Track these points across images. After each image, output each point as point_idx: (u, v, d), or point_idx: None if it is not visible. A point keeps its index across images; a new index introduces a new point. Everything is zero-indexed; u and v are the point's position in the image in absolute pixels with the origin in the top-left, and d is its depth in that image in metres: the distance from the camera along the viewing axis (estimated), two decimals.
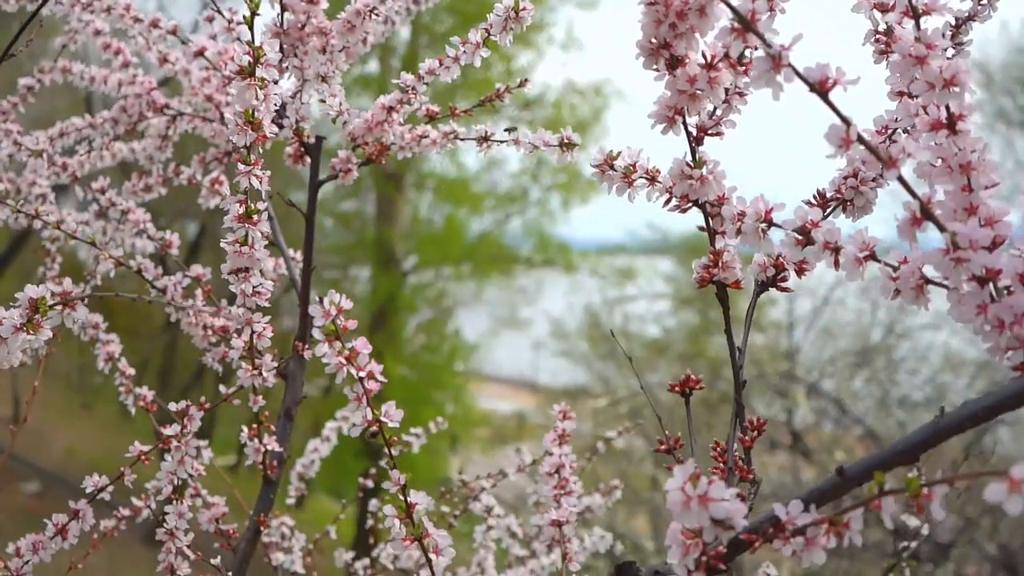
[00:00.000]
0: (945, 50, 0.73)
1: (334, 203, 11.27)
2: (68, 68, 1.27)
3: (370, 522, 1.41)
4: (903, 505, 1.32)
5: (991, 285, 0.51)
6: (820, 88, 0.50)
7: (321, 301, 0.61)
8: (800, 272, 0.68)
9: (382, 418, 0.63)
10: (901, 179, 0.51)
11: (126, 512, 1.11)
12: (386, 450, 0.65)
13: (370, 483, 1.49)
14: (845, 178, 0.69)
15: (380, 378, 0.63)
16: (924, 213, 0.52)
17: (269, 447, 0.96)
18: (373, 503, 1.33)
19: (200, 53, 1.03)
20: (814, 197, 0.69)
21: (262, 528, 0.99)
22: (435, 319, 11.42)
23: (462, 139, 0.98)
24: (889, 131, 0.70)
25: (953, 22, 0.75)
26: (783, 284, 0.68)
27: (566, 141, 0.84)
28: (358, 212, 11.47)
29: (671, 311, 10.67)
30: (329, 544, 1.50)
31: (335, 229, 11.43)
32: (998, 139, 9.01)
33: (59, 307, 0.66)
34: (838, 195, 0.69)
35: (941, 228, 0.51)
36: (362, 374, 0.62)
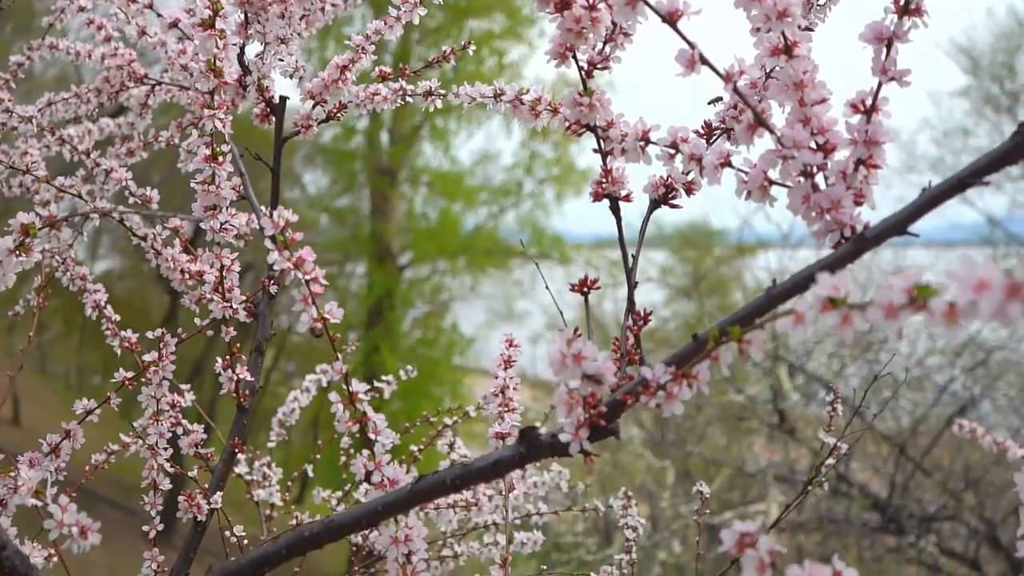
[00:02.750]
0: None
1: (329, 200, 11.38)
2: (55, 45, 1.38)
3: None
4: (824, 427, 1.41)
5: (815, 179, 0.62)
6: (670, 18, 0.61)
7: (271, 215, 0.72)
8: (688, 191, 0.78)
9: (326, 315, 0.74)
10: (736, 91, 0.62)
11: (115, 447, 1.22)
12: (332, 346, 0.75)
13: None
14: (727, 110, 0.79)
15: (323, 281, 0.73)
16: (758, 120, 0.62)
17: (241, 376, 1.07)
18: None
19: (174, 24, 1.14)
20: (701, 127, 0.80)
21: (237, 451, 1.09)
22: (431, 313, 11.52)
23: (410, 95, 1.08)
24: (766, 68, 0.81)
25: None
26: (674, 202, 0.78)
27: (498, 92, 0.94)
28: (353, 208, 11.57)
29: (665, 301, 10.78)
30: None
31: (331, 225, 11.54)
32: (986, 124, 9.11)
33: (46, 229, 0.77)
34: (722, 124, 0.79)
35: (771, 132, 0.62)
36: (308, 277, 0.73)
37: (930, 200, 0.57)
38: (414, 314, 11.54)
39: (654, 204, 0.78)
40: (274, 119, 1.11)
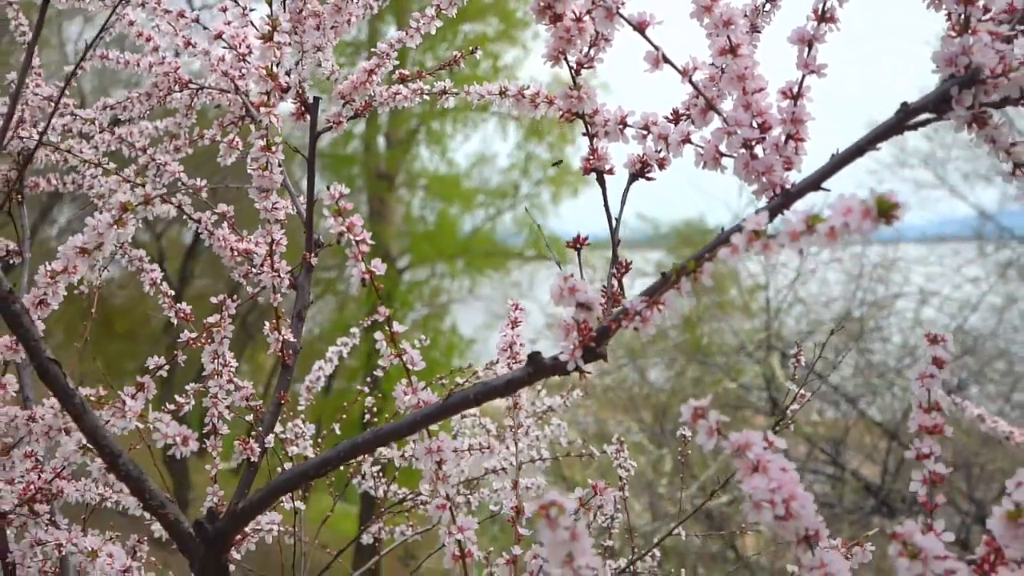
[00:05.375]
0: (764, 5, 1.01)
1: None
2: (105, 55, 1.55)
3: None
4: (789, 375, 1.60)
5: (754, 151, 0.80)
6: (640, 27, 0.79)
7: (328, 188, 0.90)
8: (661, 166, 0.96)
9: (372, 268, 0.92)
10: (692, 83, 0.80)
11: (172, 407, 1.39)
12: (375, 292, 0.93)
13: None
14: (689, 98, 0.97)
15: (369, 242, 0.91)
16: (708, 105, 0.80)
17: (286, 337, 1.24)
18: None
19: (219, 36, 1.31)
20: (671, 112, 0.98)
21: (282, 403, 1.27)
22: (431, 315, 11.68)
23: (427, 95, 1.26)
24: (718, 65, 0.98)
25: None
26: (649, 176, 0.96)
27: (503, 90, 1.12)
28: (351, 213, 11.74)
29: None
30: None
31: None
32: None
33: (142, 205, 0.94)
34: (686, 111, 0.97)
35: (719, 114, 0.80)
36: (358, 238, 0.91)
37: (837, 163, 0.75)
38: (413, 316, 11.70)
39: (632, 177, 0.96)
40: (309, 116, 1.29)
